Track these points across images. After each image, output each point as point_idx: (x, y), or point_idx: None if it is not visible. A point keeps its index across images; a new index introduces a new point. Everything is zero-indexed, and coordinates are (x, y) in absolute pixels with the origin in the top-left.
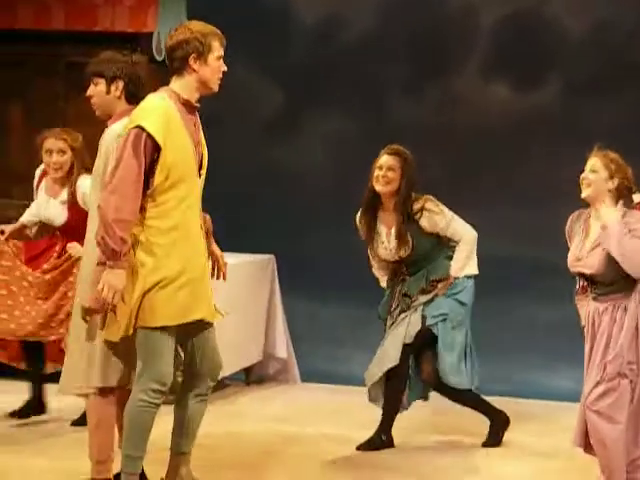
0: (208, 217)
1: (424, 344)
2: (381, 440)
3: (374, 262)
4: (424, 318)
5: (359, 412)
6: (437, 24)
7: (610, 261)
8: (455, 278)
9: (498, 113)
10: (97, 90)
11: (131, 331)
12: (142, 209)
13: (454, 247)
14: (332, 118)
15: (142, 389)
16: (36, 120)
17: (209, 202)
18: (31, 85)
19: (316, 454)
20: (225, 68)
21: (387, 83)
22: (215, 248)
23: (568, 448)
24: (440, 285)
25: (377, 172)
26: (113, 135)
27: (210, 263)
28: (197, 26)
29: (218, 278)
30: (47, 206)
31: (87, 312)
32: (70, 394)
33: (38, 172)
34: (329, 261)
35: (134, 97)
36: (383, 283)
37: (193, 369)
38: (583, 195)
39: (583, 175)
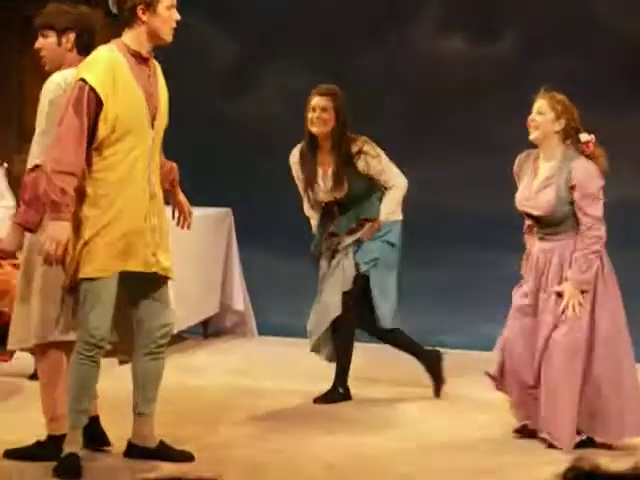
0: (175, 166)
1: (360, 290)
2: (338, 393)
3: (307, 203)
4: (357, 265)
5: (316, 365)
6: None
7: (558, 202)
8: (382, 222)
9: (453, 64)
10: (47, 42)
11: (73, 283)
12: (90, 163)
13: (383, 190)
14: (290, 69)
15: (78, 342)
16: None
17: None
18: None
19: (275, 407)
20: (178, 17)
21: (344, 33)
22: (181, 197)
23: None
24: (367, 227)
25: (311, 114)
26: (53, 85)
27: (177, 213)
28: None
29: (183, 227)
30: None
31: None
32: (15, 349)
33: None
34: (285, 214)
35: (86, 49)
36: (314, 222)
37: (141, 327)
38: (531, 137)
39: (530, 117)
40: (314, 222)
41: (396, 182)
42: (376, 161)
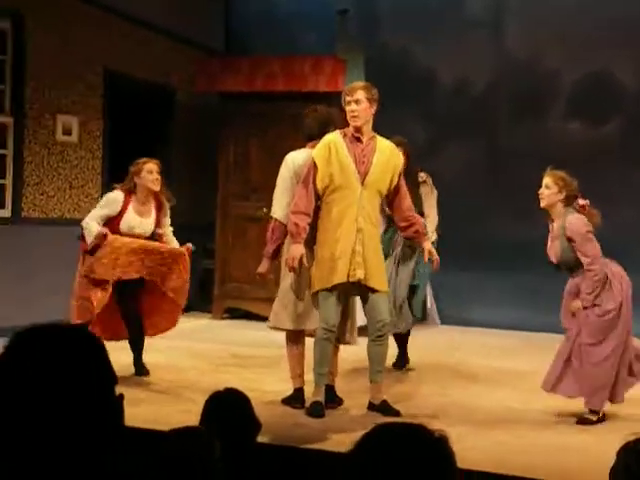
0: (420, 221)
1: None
2: None
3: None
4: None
5: None
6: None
7: (563, 252)
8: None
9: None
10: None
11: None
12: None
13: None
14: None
15: (318, 328)
16: (270, 153)
17: None
18: (267, 129)
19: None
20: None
21: (499, 120)
22: (425, 245)
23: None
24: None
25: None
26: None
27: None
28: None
29: (434, 268)
30: None
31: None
32: (270, 328)
33: None
34: None
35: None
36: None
37: (368, 321)
38: (541, 205)
39: (540, 191)
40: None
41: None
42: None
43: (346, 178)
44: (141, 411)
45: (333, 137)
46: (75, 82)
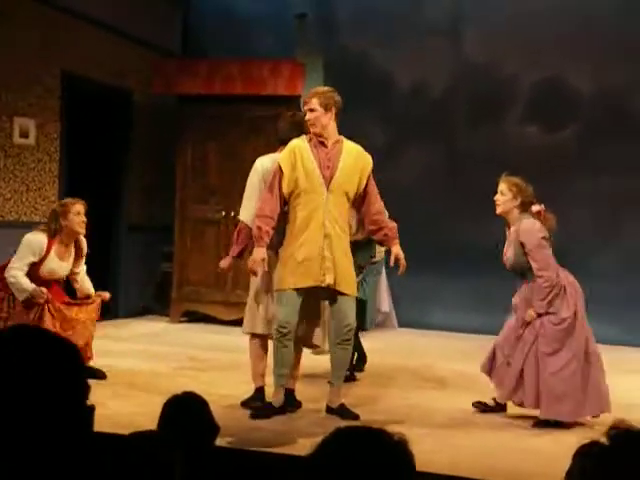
0: (393, 226)
1: None
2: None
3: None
4: None
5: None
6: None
7: (516, 258)
8: None
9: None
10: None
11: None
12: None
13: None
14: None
15: (274, 331)
16: (228, 156)
17: None
18: (225, 132)
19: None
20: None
21: (457, 123)
22: (394, 249)
23: None
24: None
25: None
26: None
27: (392, 258)
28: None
29: (399, 272)
30: None
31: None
32: (245, 334)
33: None
34: None
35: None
36: None
37: (330, 326)
38: (497, 212)
39: (495, 197)
40: None
41: None
42: None
43: (311, 183)
44: (98, 413)
45: (298, 142)
46: (32, 84)
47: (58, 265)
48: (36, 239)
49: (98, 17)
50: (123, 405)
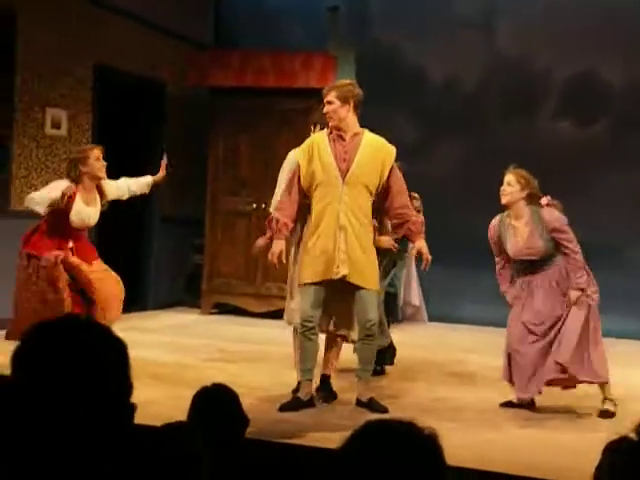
0: (417, 221)
1: None
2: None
3: None
4: None
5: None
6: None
7: (545, 245)
8: None
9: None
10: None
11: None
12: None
13: None
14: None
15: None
16: (259, 149)
17: None
18: (257, 125)
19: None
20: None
21: (489, 117)
22: (418, 244)
23: None
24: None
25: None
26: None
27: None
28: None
29: (424, 268)
30: None
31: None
32: (288, 324)
33: None
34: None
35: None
36: None
37: (357, 320)
38: (503, 202)
39: (502, 188)
40: None
41: None
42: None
43: (327, 175)
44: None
45: (317, 136)
46: (65, 76)
47: (86, 211)
48: (63, 182)
49: (130, 9)
50: (154, 396)
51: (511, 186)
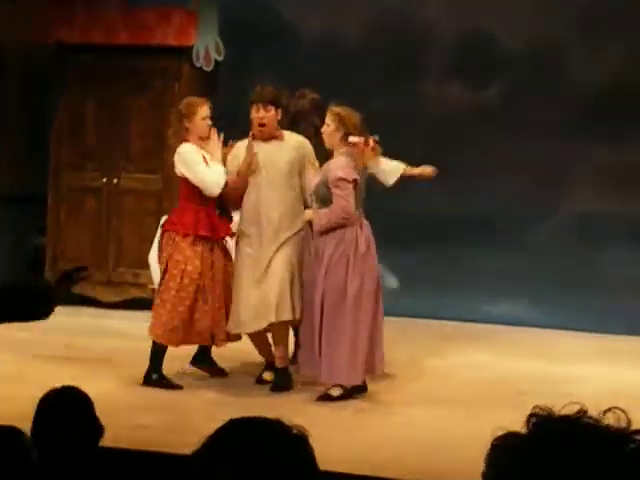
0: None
1: None
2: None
3: None
4: None
5: None
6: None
7: (320, 186)
8: None
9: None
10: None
11: None
12: None
13: None
14: None
15: None
16: (109, 115)
17: None
18: (107, 87)
19: None
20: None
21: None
22: None
23: None
24: None
25: None
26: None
27: None
28: None
29: None
30: None
31: None
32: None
33: None
34: None
35: None
36: None
37: None
38: (327, 146)
39: (322, 129)
40: None
41: None
42: None
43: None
44: None
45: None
46: None
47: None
48: (187, 145)
49: None
50: None
51: (328, 126)
